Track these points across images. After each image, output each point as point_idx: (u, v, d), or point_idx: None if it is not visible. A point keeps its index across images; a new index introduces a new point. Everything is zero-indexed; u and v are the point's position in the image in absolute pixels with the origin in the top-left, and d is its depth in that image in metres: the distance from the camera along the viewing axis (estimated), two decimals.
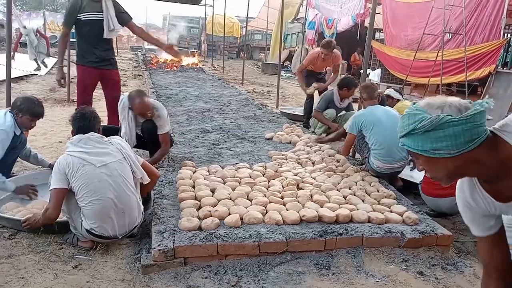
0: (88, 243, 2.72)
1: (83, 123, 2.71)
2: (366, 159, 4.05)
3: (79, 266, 2.53)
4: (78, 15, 4.27)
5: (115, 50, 22.34)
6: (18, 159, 3.72)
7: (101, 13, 4.32)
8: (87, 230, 2.60)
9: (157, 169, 3.89)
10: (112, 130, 3.99)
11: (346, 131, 4.30)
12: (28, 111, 3.40)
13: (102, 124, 2.96)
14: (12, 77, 4.66)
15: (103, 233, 2.62)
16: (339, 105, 5.99)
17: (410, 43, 10.92)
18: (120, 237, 2.72)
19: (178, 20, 25.91)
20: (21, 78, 9.97)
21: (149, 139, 4.11)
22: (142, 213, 2.86)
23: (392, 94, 5.81)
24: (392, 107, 5.37)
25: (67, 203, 2.63)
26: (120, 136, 3.28)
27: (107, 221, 2.60)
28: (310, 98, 6.76)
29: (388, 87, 11.79)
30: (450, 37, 9.43)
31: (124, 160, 2.70)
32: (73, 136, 2.73)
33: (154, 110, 4.00)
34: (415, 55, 9.65)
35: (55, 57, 13.89)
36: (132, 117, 4.00)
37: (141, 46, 27.43)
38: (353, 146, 4.43)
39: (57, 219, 2.74)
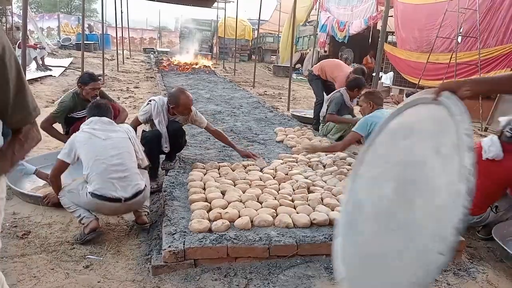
0: (93, 223, 2.83)
1: (97, 110, 3.05)
2: None
3: (90, 266, 2.56)
4: (71, 114, 4.17)
5: (128, 52, 22.16)
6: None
7: None
8: (91, 194, 2.75)
9: (169, 170, 3.94)
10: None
11: (353, 129, 4.18)
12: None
13: None
14: (27, 79, 4.73)
15: (105, 194, 2.75)
16: (351, 106, 5.99)
17: (420, 45, 10.82)
18: (123, 201, 2.81)
19: (190, 23, 26.05)
20: (35, 79, 10.10)
21: (173, 141, 4.07)
22: (148, 184, 3.10)
23: None
24: None
25: (73, 188, 2.87)
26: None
27: (109, 183, 2.76)
28: (320, 101, 6.73)
29: (401, 90, 11.75)
30: (460, 41, 9.33)
31: (129, 140, 3.01)
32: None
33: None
34: (428, 58, 9.55)
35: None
36: (166, 119, 4.00)
37: (153, 49, 27.64)
38: None
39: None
